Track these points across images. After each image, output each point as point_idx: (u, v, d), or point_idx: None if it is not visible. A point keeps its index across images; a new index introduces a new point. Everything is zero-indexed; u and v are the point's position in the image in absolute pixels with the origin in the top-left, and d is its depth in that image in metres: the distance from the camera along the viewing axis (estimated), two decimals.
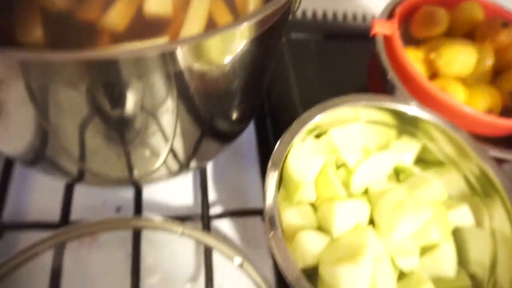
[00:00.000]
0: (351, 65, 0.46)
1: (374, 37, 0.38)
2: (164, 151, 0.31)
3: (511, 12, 0.42)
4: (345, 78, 0.45)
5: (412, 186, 0.30)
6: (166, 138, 0.30)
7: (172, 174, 0.34)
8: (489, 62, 0.37)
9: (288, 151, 0.28)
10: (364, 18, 0.54)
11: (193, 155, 0.34)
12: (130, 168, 0.32)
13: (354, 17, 0.54)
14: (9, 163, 0.35)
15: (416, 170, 0.32)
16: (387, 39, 0.37)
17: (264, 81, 0.32)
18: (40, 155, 0.29)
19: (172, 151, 0.32)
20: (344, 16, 0.53)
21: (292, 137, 0.28)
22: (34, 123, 0.26)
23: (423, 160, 0.34)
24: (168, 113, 0.28)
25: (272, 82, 0.45)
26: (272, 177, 0.26)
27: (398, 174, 0.33)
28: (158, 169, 0.33)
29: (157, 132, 0.29)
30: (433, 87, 0.34)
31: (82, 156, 0.29)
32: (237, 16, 0.33)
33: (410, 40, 0.42)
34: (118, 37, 0.32)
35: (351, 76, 0.45)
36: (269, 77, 0.33)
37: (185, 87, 0.26)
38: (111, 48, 0.29)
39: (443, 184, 0.31)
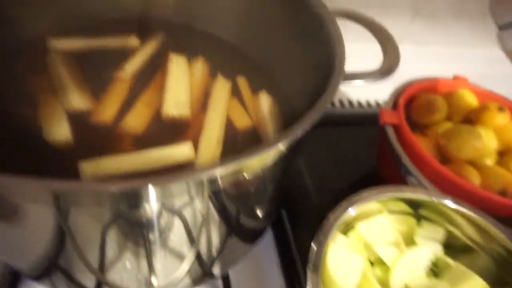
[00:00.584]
0: (359, 149, 0.47)
1: (383, 125, 0.39)
2: (189, 256, 0.29)
3: (501, 96, 0.45)
4: (354, 163, 0.46)
5: (453, 281, 0.28)
6: (191, 241, 0.28)
7: (195, 282, 0.32)
8: (494, 144, 0.39)
9: (325, 254, 0.26)
10: (359, 103, 0.57)
11: (218, 258, 0.32)
12: (152, 278, 0.30)
13: (350, 103, 0.56)
14: (14, 278, 0.32)
15: (450, 260, 0.31)
16: (396, 127, 0.39)
17: (289, 178, 0.32)
18: (54, 266, 0.27)
19: (197, 255, 0.30)
20: (341, 103, 0.56)
21: (326, 238, 0.27)
22: (53, 231, 0.24)
23: (449, 246, 0.33)
24: (196, 218, 0.27)
25: None
26: (314, 285, 0.24)
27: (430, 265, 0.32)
28: (181, 278, 0.30)
29: (183, 236, 0.28)
30: (449, 172, 0.35)
31: (101, 268, 0.27)
32: (251, 117, 0.34)
33: (412, 125, 0.44)
34: (138, 140, 0.33)
35: (361, 160, 0.46)
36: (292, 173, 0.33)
37: (216, 199, 0.25)
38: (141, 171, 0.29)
39: (477, 272, 0.31)
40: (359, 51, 0.56)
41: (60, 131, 0.32)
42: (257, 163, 0.21)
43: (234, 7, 0.38)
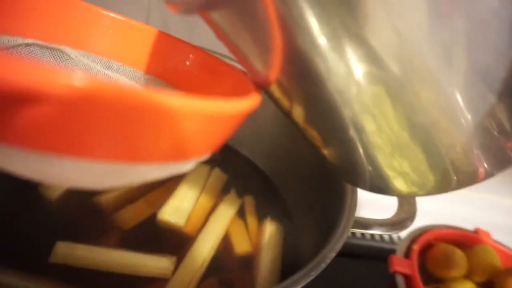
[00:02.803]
0: (367, 285, 0.43)
1: (393, 273, 0.36)
2: None
3: None
4: None
5: None
6: None
7: None
8: None
9: None
10: (372, 236, 0.54)
11: None
12: None
13: (363, 235, 0.54)
14: None
15: None
16: (408, 277, 0.36)
17: None
18: None
19: None
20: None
21: None
22: None
23: None
24: None
25: None
26: None
27: None
28: None
29: None
30: None
31: None
32: (251, 242, 0.32)
33: (426, 275, 0.40)
34: (127, 234, 0.31)
35: None
36: None
37: None
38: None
39: None
40: None
41: (54, 190, 0.32)
42: None
43: (265, 137, 0.39)
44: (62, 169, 0.14)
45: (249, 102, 0.18)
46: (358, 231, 0.26)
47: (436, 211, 0.55)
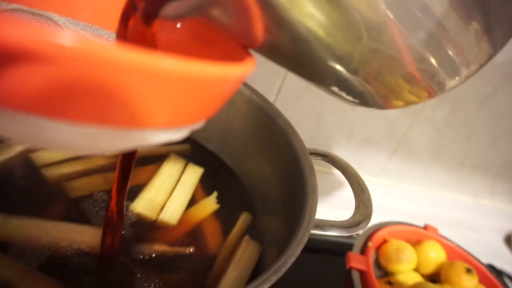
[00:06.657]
0: (324, 279, 0.45)
1: (350, 269, 0.38)
2: None
3: (470, 254, 0.45)
4: None
5: None
6: None
7: None
8: None
9: None
10: None
11: None
12: None
13: None
14: None
15: None
16: (363, 273, 0.38)
17: None
18: None
19: None
20: None
21: None
22: None
23: None
24: None
25: None
26: None
27: None
28: None
29: None
30: None
31: None
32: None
33: (380, 269, 0.43)
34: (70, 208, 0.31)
35: None
36: None
37: None
38: None
39: None
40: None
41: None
42: None
43: (233, 138, 0.39)
44: (53, 133, 0.14)
45: (244, 67, 0.17)
46: (317, 232, 0.28)
47: (390, 207, 0.58)
